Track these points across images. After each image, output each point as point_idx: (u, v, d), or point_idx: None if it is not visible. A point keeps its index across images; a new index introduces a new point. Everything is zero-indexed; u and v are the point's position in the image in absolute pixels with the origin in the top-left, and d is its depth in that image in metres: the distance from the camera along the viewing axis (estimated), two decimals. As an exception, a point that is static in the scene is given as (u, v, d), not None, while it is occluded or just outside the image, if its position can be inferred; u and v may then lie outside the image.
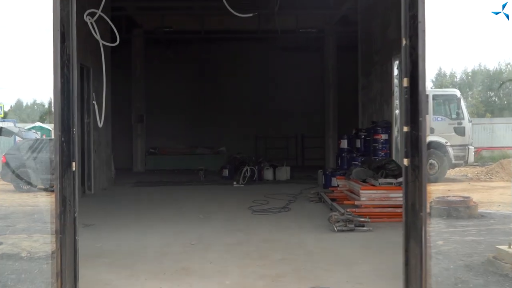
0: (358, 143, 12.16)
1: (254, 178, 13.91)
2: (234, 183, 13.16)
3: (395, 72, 10.98)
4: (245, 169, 13.52)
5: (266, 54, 21.33)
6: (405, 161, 3.71)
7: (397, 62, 10.97)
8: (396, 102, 10.97)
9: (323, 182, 12.28)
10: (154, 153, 18.91)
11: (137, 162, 18.61)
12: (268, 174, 14.46)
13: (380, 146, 10.87)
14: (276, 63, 21.34)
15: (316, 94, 21.13)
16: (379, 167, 8.90)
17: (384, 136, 10.87)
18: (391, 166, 8.82)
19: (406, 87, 3.71)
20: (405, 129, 3.71)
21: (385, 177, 8.57)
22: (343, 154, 12.19)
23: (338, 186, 9.74)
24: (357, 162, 10.97)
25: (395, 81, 10.99)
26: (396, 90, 10.96)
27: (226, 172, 14.87)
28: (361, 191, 7.67)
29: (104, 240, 6.47)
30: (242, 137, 21.10)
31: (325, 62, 19.20)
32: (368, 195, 7.64)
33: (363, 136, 12.12)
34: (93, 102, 6.88)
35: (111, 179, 13.20)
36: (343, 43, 19.69)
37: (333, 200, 9.39)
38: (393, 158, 10.91)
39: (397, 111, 10.99)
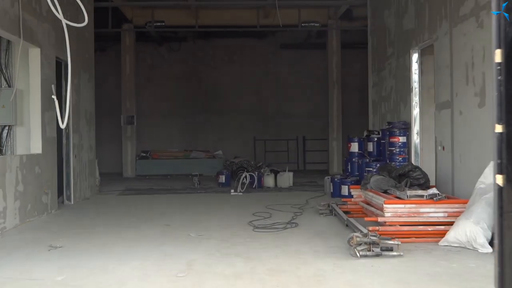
0: (370, 147, 10.87)
1: (254, 186, 12.60)
2: (232, 191, 11.85)
3: (414, 66, 9.69)
4: (243, 175, 12.21)
5: (265, 52, 20.18)
6: (499, 179, 2.38)
7: (416, 54, 9.69)
8: (415, 100, 9.68)
9: (331, 191, 11.00)
10: (145, 157, 17.59)
11: (127, 167, 17.30)
12: (269, 180, 13.15)
13: (398, 150, 9.58)
14: (276, 61, 20.21)
15: (318, 94, 19.99)
16: (402, 175, 7.59)
17: (402, 139, 9.58)
18: (416, 174, 7.52)
19: (499, 64, 2.38)
20: (499, 128, 2.38)
21: (409, 187, 7.28)
22: (353, 159, 10.89)
23: (352, 196, 8.42)
24: (371, 169, 9.67)
25: (414, 76, 9.70)
26: (415, 86, 9.67)
27: (222, 179, 13.56)
28: (385, 205, 6.36)
29: (69, 271, 5.14)
30: (239, 140, 19.93)
31: (328, 59, 17.91)
32: (393, 211, 6.33)
33: (376, 139, 10.84)
34: (52, 96, 5.56)
35: (95, 187, 11.88)
36: (346, 40, 18.51)
37: (346, 212, 8.11)
38: (412, 163, 9.61)
39: (415, 111, 9.69)
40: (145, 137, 19.50)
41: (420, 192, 6.57)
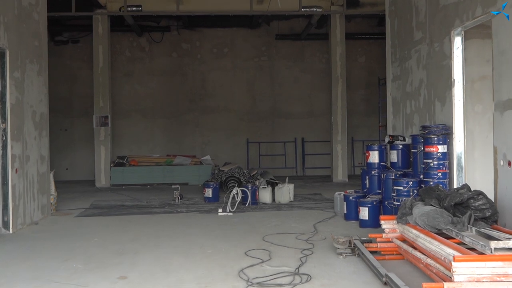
0: (394, 156, 8.60)
1: (247, 203, 10.29)
2: (220, 210, 9.51)
3: (457, 53, 7.40)
4: (234, 192, 9.88)
5: (259, 44, 17.94)
6: None
7: (459, 38, 7.40)
8: (458, 97, 7.39)
9: (345, 212, 8.71)
10: (121, 163, 15.20)
11: (101, 175, 14.93)
12: (265, 195, 10.84)
13: (436, 163, 7.28)
14: (271, 53, 17.97)
15: (319, 90, 17.86)
16: (458, 205, 5.32)
17: (441, 148, 7.29)
18: (479, 202, 5.25)
19: None
20: None
21: (473, 224, 5.01)
22: (373, 172, 8.59)
23: (383, 230, 6.12)
24: (401, 187, 7.37)
25: (457, 65, 7.41)
26: (458, 79, 7.38)
27: (209, 192, 11.24)
28: (455, 264, 4.04)
29: None
30: (230, 143, 17.69)
31: (331, 50, 15.63)
32: (469, 272, 4.03)
33: (401, 146, 8.57)
34: None
35: (49, 206, 9.52)
36: (349, 30, 16.25)
37: (373, 253, 5.85)
38: (455, 181, 7.35)
39: (458, 111, 7.40)
40: (123, 141, 17.16)
41: (510, 243, 4.26)
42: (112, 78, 16.33)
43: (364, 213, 7.96)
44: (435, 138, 7.29)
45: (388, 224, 6.01)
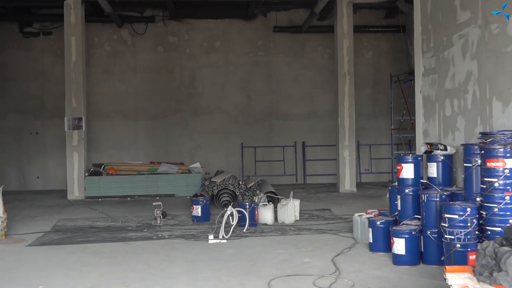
0: (434, 170, 6.74)
1: (245, 226, 8.35)
2: (210, 237, 7.58)
3: (527, 34, 5.55)
4: (229, 213, 7.95)
5: (255, 37, 16.16)
6: None
7: (530, 15, 5.54)
8: (530, 93, 5.52)
9: (370, 241, 6.83)
10: (98, 172, 13.23)
11: (73, 186, 12.96)
12: (266, 214, 8.92)
13: (502, 182, 5.38)
14: (268, 48, 16.17)
15: (322, 89, 16.11)
16: None
17: (510, 163, 5.40)
18: None
19: None
20: None
21: None
22: (407, 190, 6.69)
23: (450, 287, 4.20)
24: (456, 216, 5.46)
25: (528, 52, 5.55)
26: (531, 69, 5.52)
27: (198, 210, 9.31)
28: None
29: None
30: (223, 147, 15.88)
31: (337, 43, 13.76)
32: None
33: (442, 158, 6.72)
34: None
35: (-6, 232, 7.57)
36: (355, 23, 14.37)
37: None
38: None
39: (528, 112, 5.53)
40: (102, 146, 15.23)
41: None
42: (89, 74, 14.47)
43: (399, 245, 6.08)
44: (501, 150, 5.40)
45: (457, 279, 4.08)
